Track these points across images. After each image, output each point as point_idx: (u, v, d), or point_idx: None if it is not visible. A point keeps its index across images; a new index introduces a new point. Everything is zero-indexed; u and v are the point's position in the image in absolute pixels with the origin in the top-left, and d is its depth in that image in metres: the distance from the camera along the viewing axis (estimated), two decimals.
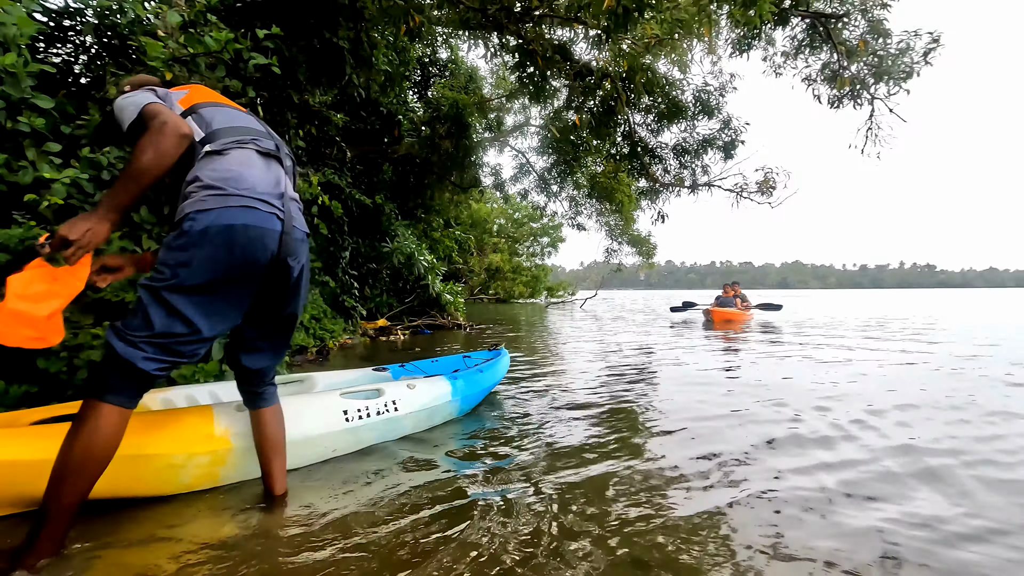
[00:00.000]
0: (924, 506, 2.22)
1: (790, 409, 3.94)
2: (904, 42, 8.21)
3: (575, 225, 14.64)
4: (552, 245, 34.94)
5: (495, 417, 3.65)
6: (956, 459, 2.83)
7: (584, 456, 2.78)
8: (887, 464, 2.74)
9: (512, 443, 3.01)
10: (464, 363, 4.58)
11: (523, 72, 7.23)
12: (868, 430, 3.38)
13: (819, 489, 2.42)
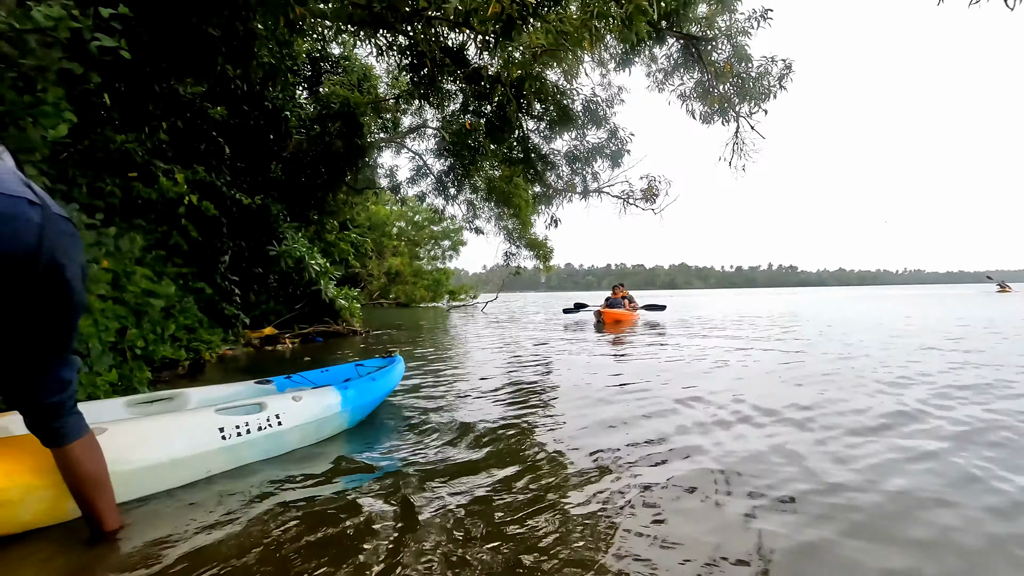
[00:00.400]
0: (790, 486, 2.51)
1: (675, 403, 4.23)
2: (763, 67, 9.21)
3: (473, 228, 14.75)
4: (454, 249, 34.92)
5: (389, 426, 3.56)
6: (820, 445, 3.21)
7: (481, 462, 2.75)
8: (762, 448, 3.05)
9: (407, 453, 2.93)
10: (356, 372, 4.43)
11: (414, 73, 7.16)
12: (743, 419, 3.74)
13: (701, 474, 2.64)
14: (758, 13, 8.60)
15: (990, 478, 2.50)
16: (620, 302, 13.62)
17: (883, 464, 2.66)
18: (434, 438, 3.20)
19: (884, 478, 2.47)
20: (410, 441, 3.17)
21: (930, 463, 2.68)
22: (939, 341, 7.97)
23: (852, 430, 3.30)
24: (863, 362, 6.14)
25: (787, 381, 5.06)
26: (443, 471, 2.62)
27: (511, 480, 2.49)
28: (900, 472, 2.55)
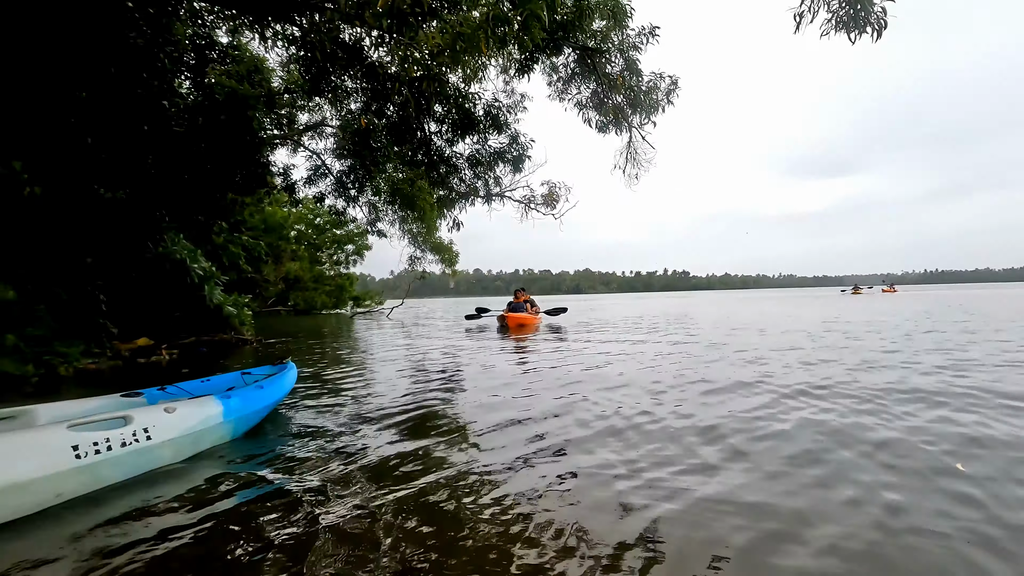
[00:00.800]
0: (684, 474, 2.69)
1: (578, 400, 4.42)
2: (652, 81, 9.85)
3: (376, 232, 14.33)
4: (358, 253, 33.57)
5: (278, 436, 3.38)
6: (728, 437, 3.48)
7: (377, 470, 2.67)
8: (665, 440, 3.26)
9: (296, 464, 2.79)
10: (242, 380, 4.16)
11: (307, 67, 6.85)
12: (644, 413, 3.96)
13: (603, 466, 2.77)
14: (647, 30, 9.20)
15: (804, 424, 2.88)
16: (523, 306, 13.69)
17: (759, 445, 2.97)
18: (327, 447, 3.09)
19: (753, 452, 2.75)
20: (300, 451, 3.02)
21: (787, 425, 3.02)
22: (798, 334, 9.03)
23: (743, 422, 3.63)
24: (739, 353, 6.80)
25: (676, 376, 5.48)
26: (337, 480, 2.52)
27: (408, 487, 2.45)
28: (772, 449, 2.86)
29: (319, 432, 3.41)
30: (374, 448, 3.02)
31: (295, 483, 2.48)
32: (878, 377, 4.92)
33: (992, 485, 2.30)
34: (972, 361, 5.78)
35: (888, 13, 5.72)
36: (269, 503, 2.26)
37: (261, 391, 3.58)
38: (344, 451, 2.98)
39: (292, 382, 4.24)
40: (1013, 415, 3.44)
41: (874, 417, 3.46)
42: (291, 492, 2.37)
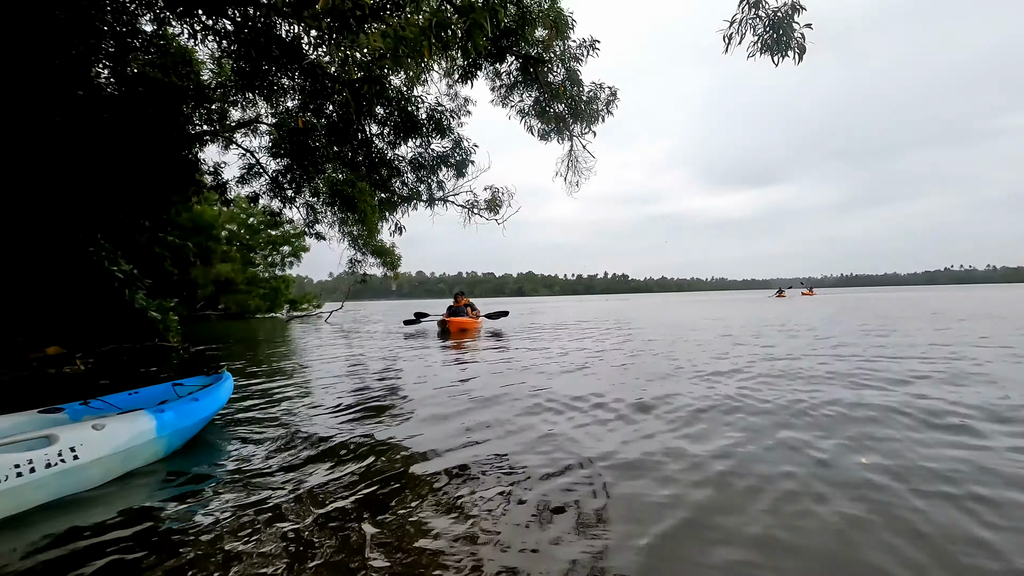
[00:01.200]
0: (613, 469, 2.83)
1: (518, 403, 4.51)
2: (592, 92, 10.16)
3: (314, 234, 13.91)
4: (295, 255, 32.32)
5: (214, 451, 3.27)
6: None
7: (317, 480, 2.63)
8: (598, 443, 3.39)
9: (231, 480, 2.70)
10: (174, 392, 3.98)
11: (239, 62, 6.60)
12: (582, 414, 4.10)
13: (547, 464, 2.87)
14: (588, 42, 9.48)
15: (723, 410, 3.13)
16: (463, 310, 13.39)
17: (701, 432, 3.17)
18: (265, 460, 3.01)
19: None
20: (237, 466, 2.94)
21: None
22: (723, 333, 9.57)
23: (681, 419, 3.84)
24: (667, 350, 7.15)
25: (616, 375, 5.70)
26: (276, 492, 2.47)
27: (351, 495, 2.44)
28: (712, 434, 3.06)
29: (256, 445, 3.31)
30: (313, 458, 2.99)
31: (233, 499, 2.42)
32: (790, 372, 5.34)
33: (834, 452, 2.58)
34: (854, 356, 6.37)
35: (807, 39, 6.19)
36: (206, 520, 2.20)
37: (197, 403, 3.44)
38: (283, 463, 2.92)
39: (228, 393, 4.08)
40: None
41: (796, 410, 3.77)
42: (229, 508, 2.31)
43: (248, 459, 3.03)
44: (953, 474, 2.53)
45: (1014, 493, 2.30)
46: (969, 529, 1.99)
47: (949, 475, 2.52)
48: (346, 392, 5.14)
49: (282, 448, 3.20)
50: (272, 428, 3.71)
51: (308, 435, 3.49)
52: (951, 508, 2.17)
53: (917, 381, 4.87)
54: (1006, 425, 3.33)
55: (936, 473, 2.55)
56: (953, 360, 6.04)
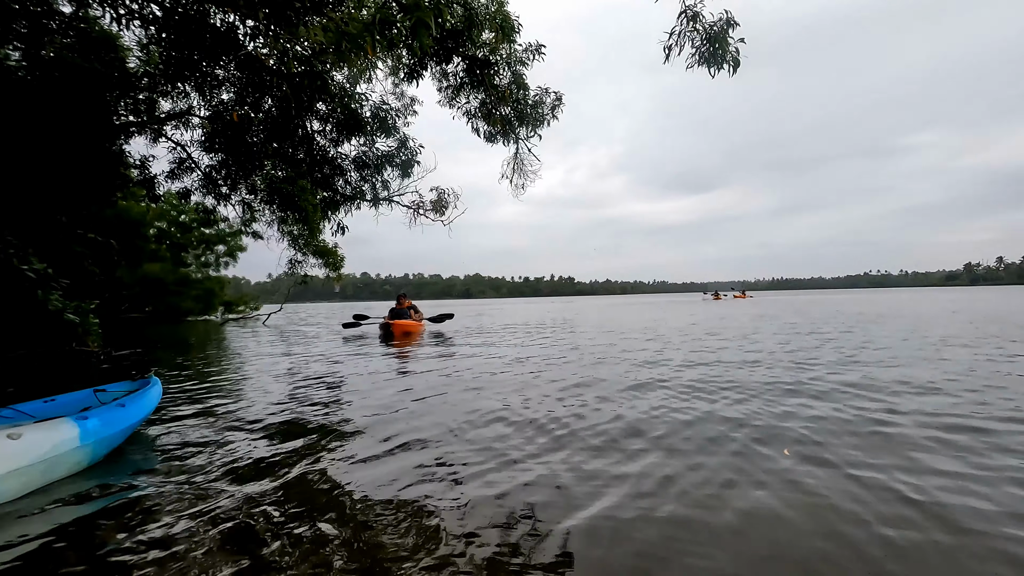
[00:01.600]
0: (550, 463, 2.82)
1: (460, 408, 4.46)
2: (538, 96, 10.26)
3: (250, 233, 13.33)
4: (230, 254, 30.86)
5: (142, 459, 3.07)
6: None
7: (251, 489, 2.51)
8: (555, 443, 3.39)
9: (160, 489, 2.55)
10: (96, 398, 3.71)
11: (169, 50, 6.25)
12: (527, 419, 4.08)
13: (482, 462, 2.83)
14: (534, 47, 9.57)
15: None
16: (406, 312, 12.97)
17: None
18: (198, 470, 2.84)
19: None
20: (168, 475, 2.77)
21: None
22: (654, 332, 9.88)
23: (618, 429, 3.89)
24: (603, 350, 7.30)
25: (557, 378, 5.74)
26: (210, 506, 2.33)
27: (287, 505, 2.33)
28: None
29: (186, 453, 3.13)
30: (246, 466, 2.84)
31: (162, 509, 2.29)
32: (720, 370, 5.56)
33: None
34: (772, 354, 6.73)
35: (741, 53, 6.49)
36: (134, 532, 2.07)
37: (123, 410, 3.24)
38: (214, 472, 2.77)
39: (157, 399, 3.85)
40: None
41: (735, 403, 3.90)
42: (158, 519, 2.18)
43: (178, 468, 2.86)
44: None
45: (933, 478, 2.46)
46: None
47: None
48: (281, 397, 4.93)
49: (213, 456, 3.04)
50: (203, 435, 3.52)
51: (240, 442, 3.33)
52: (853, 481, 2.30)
53: (846, 372, 5.17)
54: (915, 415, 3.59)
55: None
56: (868, 358, 6.47)
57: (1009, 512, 2.14)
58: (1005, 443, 3.03)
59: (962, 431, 3.29)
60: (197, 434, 3.56)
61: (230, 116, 8.84)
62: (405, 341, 10.67)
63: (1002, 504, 2.22)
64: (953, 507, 2.20)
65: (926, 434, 3.23)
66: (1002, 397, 4.23)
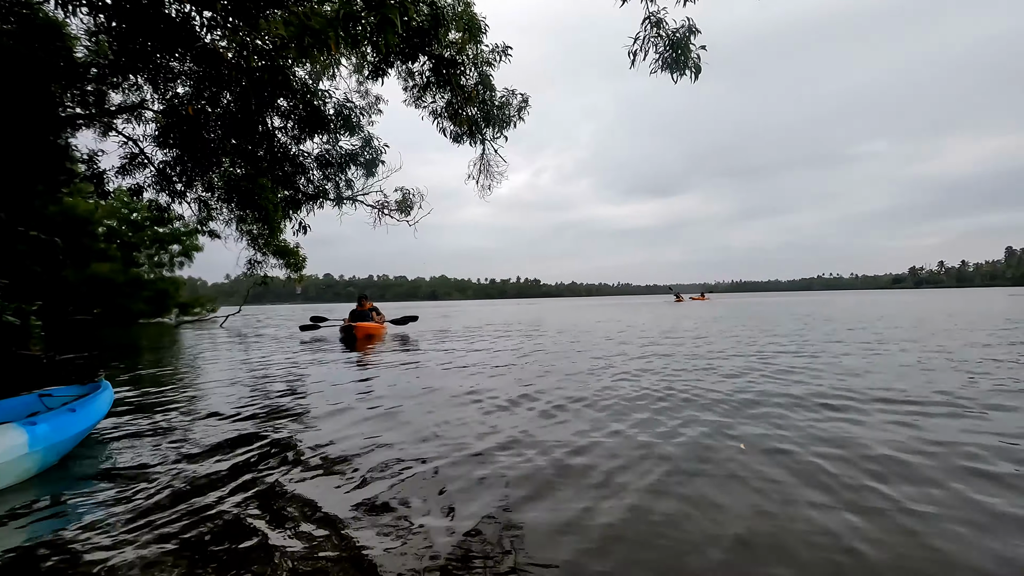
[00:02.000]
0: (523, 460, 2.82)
1: (423, 416, 4.42)
2: (505, 97, 10.25)
3: (207, 232, 12.84)
4: (185, 254, 29.69)
5: (93, 466, 2.96)
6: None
7: (203, 498, 2.42)
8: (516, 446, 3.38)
9: (116, 497, 2.45)
10: (42, 403, 3.56)
11: (119, 39, 5.98)
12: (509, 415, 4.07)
13: (446, 464, 2.81)
14: (500, 48, 9.57)
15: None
16: (368, 315, 12.45)
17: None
18: (151, 477, 2.74)
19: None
20: (120, 482, 2.67)
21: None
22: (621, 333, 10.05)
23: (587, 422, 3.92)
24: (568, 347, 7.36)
25: (526, 381, 5.76)
26: (164, 513, 2.25)
27: (238, 515, 2.26)
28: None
29: (137, 461, 3.01)
30: (201, 472, 2.76)
31: (116, 518, 2.20)
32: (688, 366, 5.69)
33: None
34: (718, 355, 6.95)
35: (703, 59, 6.65)
36: (87, 542, 2.00)
37: (74, 415, 3.12)
38: (167, 478, 2.69)
39: (108, 403, 3.72)
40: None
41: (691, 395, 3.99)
42: (112, 527, 2.11)
43: (130, 475, 2.77)
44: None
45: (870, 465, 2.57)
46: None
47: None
48: (236, 402, 4.79)
49: (166, 462, 2.95)
50: (154, 441, 3.41)
51: (194, 449, 3.23)
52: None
53: (796, 372, 5.36)
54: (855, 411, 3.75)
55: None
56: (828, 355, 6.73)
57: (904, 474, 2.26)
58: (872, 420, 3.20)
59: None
60: (149, 441, 3.44)
61: (185, 111, 8.51)
62: (368, 344, 10.36)
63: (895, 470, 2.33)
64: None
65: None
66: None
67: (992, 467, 2.65)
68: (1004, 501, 2.25)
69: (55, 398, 3.67)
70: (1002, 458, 2.78)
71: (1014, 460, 2.74)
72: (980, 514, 2.13)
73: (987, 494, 2.32)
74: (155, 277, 28.67)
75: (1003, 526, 2.03)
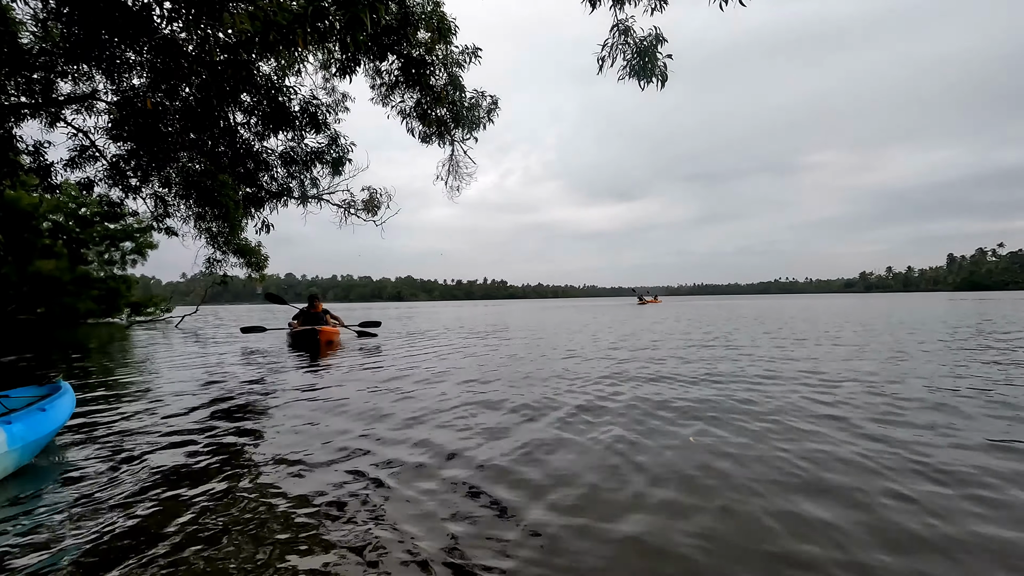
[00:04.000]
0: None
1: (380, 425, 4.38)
2: (474, 99, 10.24)
3: (163, 229, 12.34)
4: (138, 252, 28.43)
5: (53, 468, 2.93)
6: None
7: (177, 504, 2.37)
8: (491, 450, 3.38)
9: (75, 500, 2.42)
10: (2, 404, 3.42)
11: (72, 28, 5.71)
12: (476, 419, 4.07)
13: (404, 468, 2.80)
14: (470, 50, 9.56)
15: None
16: (321, 317, 11.07)
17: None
18: (109, 481, 2.69)
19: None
20: (89, 480, 2.67)
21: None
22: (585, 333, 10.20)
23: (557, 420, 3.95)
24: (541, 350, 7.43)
25: (500, 383, 5.77)
26: (137, 513, 2.24)
27: (200, 519, 2.22)
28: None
29: (95, 464, 2.96)
30: (158, 478, 2.68)
31: (73, 520, 2.19)
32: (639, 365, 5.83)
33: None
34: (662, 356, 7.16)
35: (669, 68, 6.80)
36: (71, 539, 1.99)
37: (45, 415, 3.13)
38: (133, 479, 2.68)
39: (73, 404, 3.68)
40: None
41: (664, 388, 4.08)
42: (72, 529, 2.10)
43: (89, 475, 2.77)
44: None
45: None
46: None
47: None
48: (190, 403, 4.66)
49: (128, 461, 2.97)
50: (112, 443, 3.36)
51: (152, 452, 3.16)
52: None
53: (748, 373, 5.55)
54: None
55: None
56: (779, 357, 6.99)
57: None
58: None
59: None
60: (107, 444, 3.37)
61: (142, 103, 8.18)
62: (330, 351, 9.48)
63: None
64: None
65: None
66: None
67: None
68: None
69: (14, 399, 3.57)
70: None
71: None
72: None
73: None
74: (105, 275, 27.38)
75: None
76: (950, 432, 3.39)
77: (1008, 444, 3.13)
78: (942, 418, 3.76)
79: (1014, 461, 2.83)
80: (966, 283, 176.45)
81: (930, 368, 6.09)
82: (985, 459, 2.86)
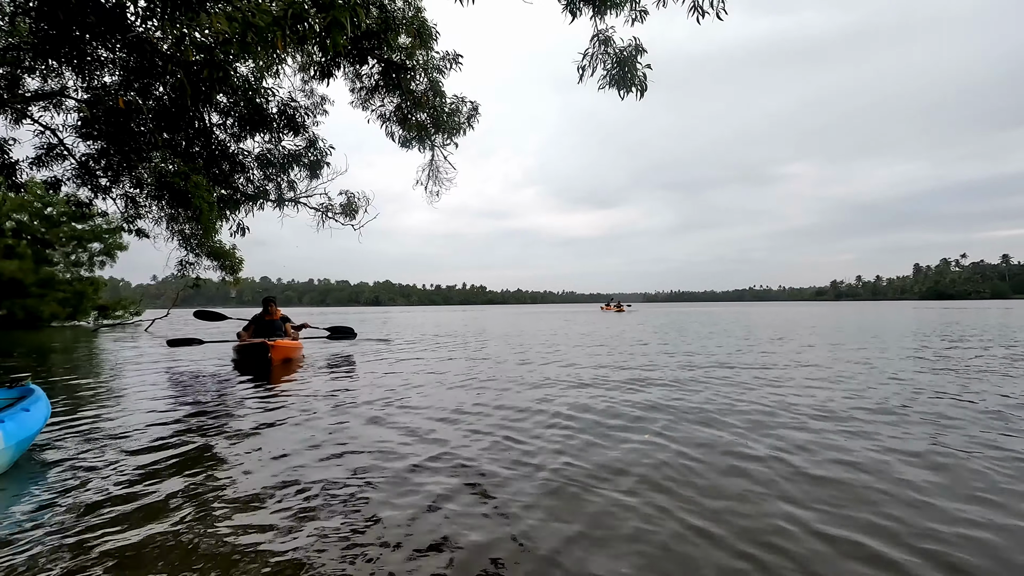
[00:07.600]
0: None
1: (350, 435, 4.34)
2: (455, 104, 10.26)
3: (133, 230, 12.01)
4: (107, 253, 27.65)
5: (44, 467, 2.94)
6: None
7: (137, 501, 2.39)
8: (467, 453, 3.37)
9: (83, 490, 2.47)
10: None
11: (41, 23, 5.57)
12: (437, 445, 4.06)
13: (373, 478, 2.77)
14: (451, 56, 9.58)
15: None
16: (279, 327, 9.31)
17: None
18: (99, 475, 2.74)
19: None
20: (76, 480, 2.66)
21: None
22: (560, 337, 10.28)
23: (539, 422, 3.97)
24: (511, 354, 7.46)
25: (479, 386, 5.77)
26: (94, 519, 2.19)
27: (174, 523, 2.20)
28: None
29: (68, 468, 2.94)
30: (133, 481, 2.62)
31: (57, 515, 2.22)
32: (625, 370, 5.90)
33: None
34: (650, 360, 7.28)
35: (648, 78, 6.91)
36: (70, 535, 2.00)
37: (30, 415, 3.17)
38: (116, 479, 2.66)
39: (48, 407, 3.65)
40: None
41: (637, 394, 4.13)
42: (93, 520, 2.13)
43: (64, 476, 2.78)
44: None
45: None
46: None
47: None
48: (162, 407, 4.55)
49: (89, 465, 2.95)
50: (83, 448, 3.35)
51: (123, 457, 3.13)
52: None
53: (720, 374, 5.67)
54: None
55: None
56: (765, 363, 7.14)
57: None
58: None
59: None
60: (80, 448, 3.36)
61: (114, 101, 7.99)
62: (284, 373, 7.46)
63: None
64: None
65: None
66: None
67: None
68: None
69: None
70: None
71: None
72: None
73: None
74: (71, 277, 26.57)
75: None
76: (873, 429, 3.53)
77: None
78: (872, 416, 3.91)
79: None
80: (931, 292, 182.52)
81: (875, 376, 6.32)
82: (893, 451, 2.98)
